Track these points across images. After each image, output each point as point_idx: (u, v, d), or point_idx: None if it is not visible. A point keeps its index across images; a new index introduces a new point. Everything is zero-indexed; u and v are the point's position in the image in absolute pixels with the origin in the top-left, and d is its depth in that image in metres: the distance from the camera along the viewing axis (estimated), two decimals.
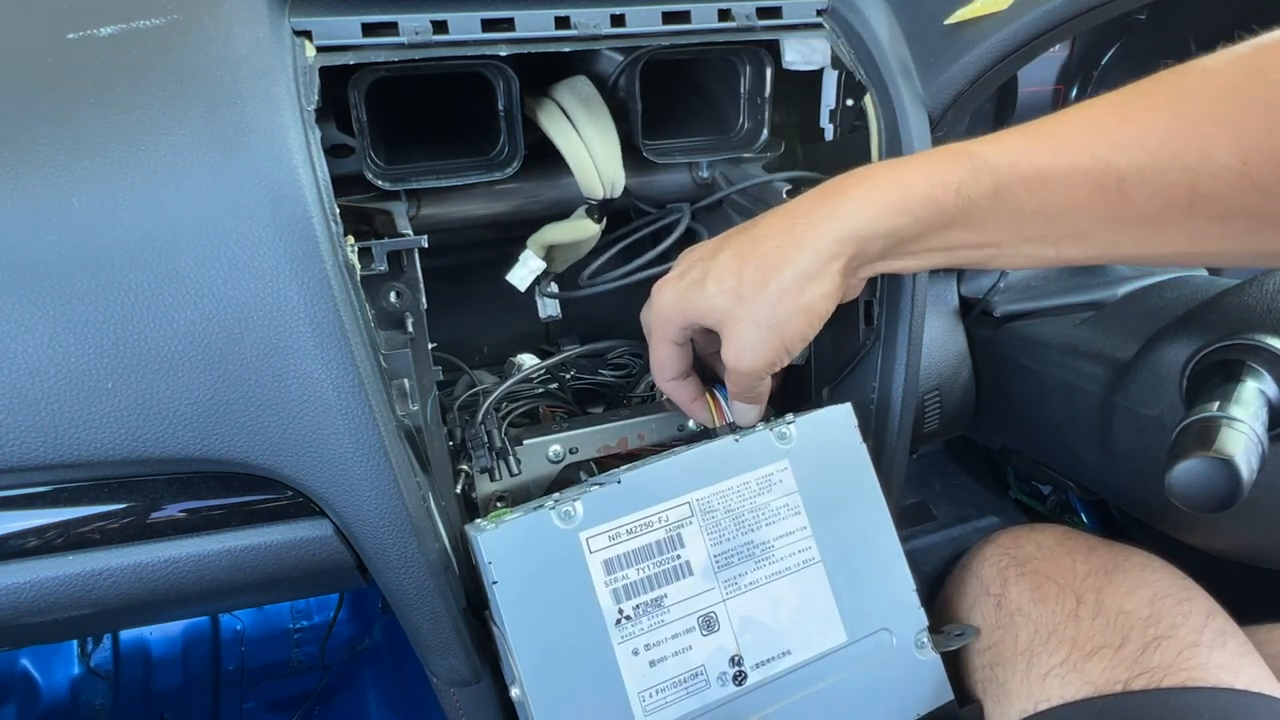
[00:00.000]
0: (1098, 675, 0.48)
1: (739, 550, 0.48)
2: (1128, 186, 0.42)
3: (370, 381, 0.45)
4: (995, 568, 0.58)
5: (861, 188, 0.48)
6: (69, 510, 0.46)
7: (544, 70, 0.63)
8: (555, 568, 0.45)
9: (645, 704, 0.44)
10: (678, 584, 0.46)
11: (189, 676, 1.11)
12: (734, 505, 0.48)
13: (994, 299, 0.68)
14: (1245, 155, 0.38)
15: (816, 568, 0.49)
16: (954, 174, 0.46)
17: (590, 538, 0.45)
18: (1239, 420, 0.43)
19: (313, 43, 0.51)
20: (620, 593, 0.45)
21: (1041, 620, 0.53)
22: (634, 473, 0.48)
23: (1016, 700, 0.51)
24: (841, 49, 0.62)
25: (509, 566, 0.44)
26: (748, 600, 0.47)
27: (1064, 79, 0.83)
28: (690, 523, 0.47)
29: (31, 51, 0.48)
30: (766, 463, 0.49)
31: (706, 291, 0.51)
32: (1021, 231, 0.46)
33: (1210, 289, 0.61)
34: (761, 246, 0.50)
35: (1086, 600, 0.52)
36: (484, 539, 0.44)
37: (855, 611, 0.49)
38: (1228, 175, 0.39)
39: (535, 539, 0.45)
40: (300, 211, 0.44)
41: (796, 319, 0.49)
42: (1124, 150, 0.42)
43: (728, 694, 0.46)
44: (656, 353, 0.56)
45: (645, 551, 0.46)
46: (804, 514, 0.49)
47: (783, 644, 0.47)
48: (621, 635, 0.45)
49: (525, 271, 0.69)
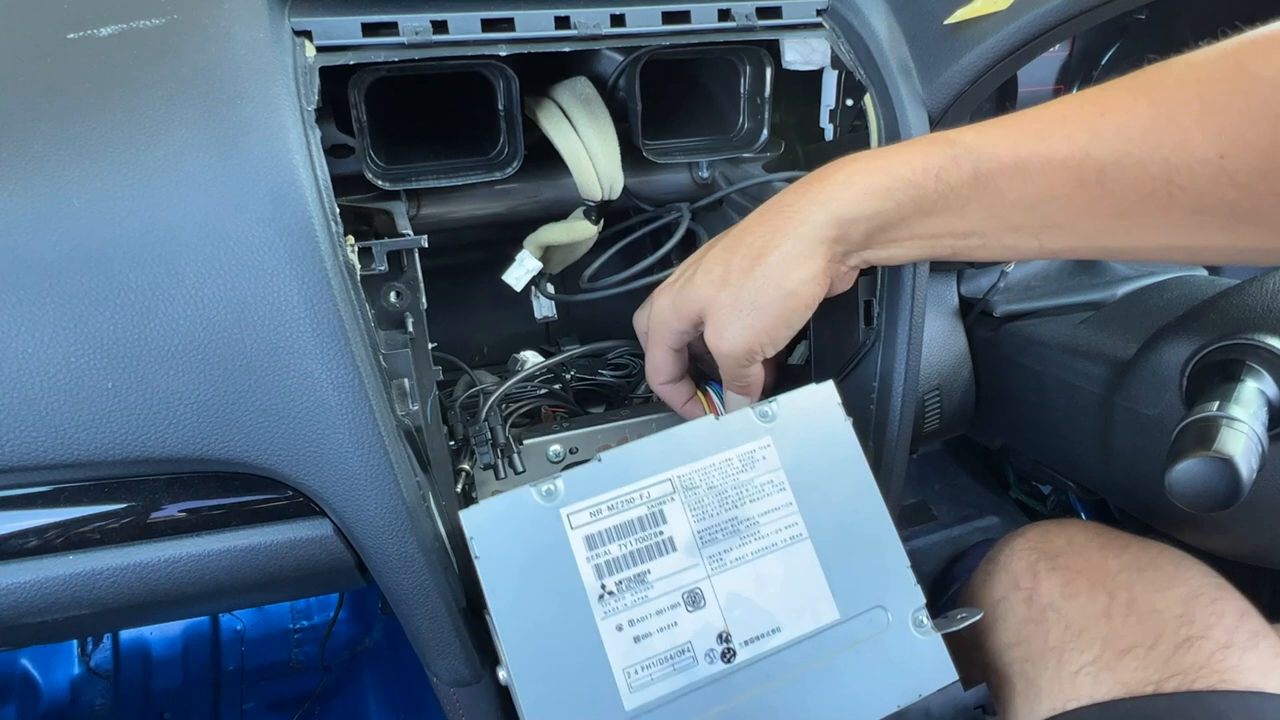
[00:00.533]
0: (1130, 675, 0.48)
1: (723, 526, 0.48)
2: (1106, 177, 0.42)
3: (370, 381, 0.45)
4: (1025, 562, 0.57)
5: (843, 173, 0.49)
6: (69, 510, 0.46)
7: (544, 70, 0.63)
8: (537, 544, 0.45)
9: (631, 680, 0.44)
10: (661, 559, 0.46)
11: (189, 676, 1.11)
12: (716, 482, 0.48)
13: (994, 299, 0.68)
14: (1223, 149, 0.39)
15: (804, 544, 0.48)
16: (935, 160, 0.46)
17: (571, 513, 0.46)
18: (1239, 420, 0.43)
19: (312, 43, 0.51)
20: (603, 568, 0.45)
21: (1073, 617, 0.52)
22: (614, 451, 0.48)
23: (1046, 698, 0.51)
24: (841, 49, 0.62)
25: (490, 541, 0.44)
26: (734, 576, 0.47)
27: (1064, 79, 0.83)
28: (672, 499, 0.47)
29: (32, 51, 0.48)
30: (748, 440, 0.49)
31: (695, 284, 0.51)
32: (1003, 220, 0.46)
33: (1210, 289, 0.61)
34: (748, 236, 0.50)
35: (1118, 597, 0.52)
36: (466, 515, 0.45)
37: (847, 588, 0.48)
38: (1205, 169, 0.39)
39: (516, 515, 0.45)
40: (300, 211, 0.44)
41: (780, 303, 0.49)
42: (1104, 140, 0.42)
43: (717, 671, 0.45)
44: (652, 357, 0.56)
45: (627, 527, 0.46)
46: (789, 490, 0.49)
47: (772, 621, 0.47)
48: (605, 611, 0.45)
49: (521, 272, 0.69)
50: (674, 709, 0.44)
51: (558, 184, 0.71)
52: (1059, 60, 0.82)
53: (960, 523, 1.14)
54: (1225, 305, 0.52)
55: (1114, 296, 0.67)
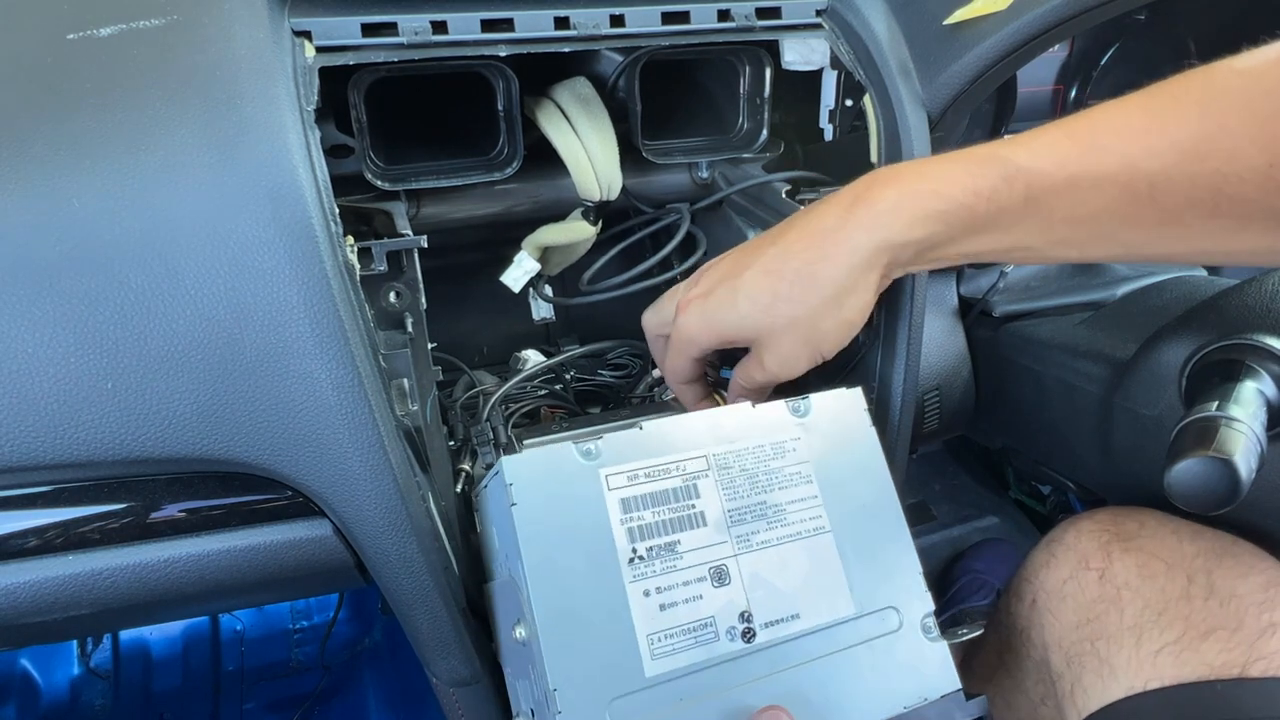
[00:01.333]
0: (1215, 657, 0.48)
1: (752, 508, 0.48)
2: (1156, 190, 0.42)
3: (370, 381, 0.45)
4: (1097, 542, 0.57)
5: (892, 197, 0.48)
6: (69, 510, 0.46)
7: (544, 70, 0.63)
8: (574, 499, 0.45)
9: (654, 647, 0.44)
10: (691, 532, 0.47)
11: (189, 677, 1.11)
12: (749, 465, 0.49)
13: (993, 299, 0.68)
14: (1272, 159, 0.39)
15: (826, 537, 0.49)
16: (987, 181, 0.46)
17: (610, 474, 0.46)
18: (1238, 420, 0.43)
19: (312, 43, 0.51)
20: (635, 532, 0.45)
21: (1151, 597, 0.52)
22: (655, 420, 0.49)
23: (1124, 676, 0.50)
24: (841, 49, 0.62)
25: (529, 491, 0.44)
26: (759, 558, 0.48)
27: (1063, 79, 0.83)
28: (706, 475, 0.48)
29: (32, 52, 0.48)
30: (780, 431, 0.50)
31: (739, 311, 0.51)
32: (1051, 235, 0.46)
33: (1209, 289, 0.61)
34: (793, 261, 0.49)
35: (1198, 580, 0.51)
36: (508, 461, 0.45)
37: (863, 586, 0.49)
38: (1254, 176, 0.39)
39: (557, 468, 0.45)
40: (300, 212, 0.44)
41: (836, 332, 0.50)
42: (1156, 154, 0.42)
43: (736, 649, 0.46)
44: (674, 363, 0.56)
45: (662, 496, 0.47)
46: (815, 484, 0.50)
47: (792, 606, 0.47)
48: (634, 574, 0.45)
49: (519, 273, 0.69)
50: (692, 682, 0.44)
51: (557, 184, 0.71)
52: (1059, 60, 0.82)
53: (960, 523, 1.14)
54: (1224, 305, 0.52)
55: (1113, 297, 0.67)
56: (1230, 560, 0.52)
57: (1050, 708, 0.60)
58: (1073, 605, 0.56)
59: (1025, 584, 0.61)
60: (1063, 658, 0.56)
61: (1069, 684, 0.55)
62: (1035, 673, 0.61)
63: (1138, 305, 0.64)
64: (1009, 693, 0.65)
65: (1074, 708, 0.54)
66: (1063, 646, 0.56)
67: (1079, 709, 0.53)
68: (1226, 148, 0.40)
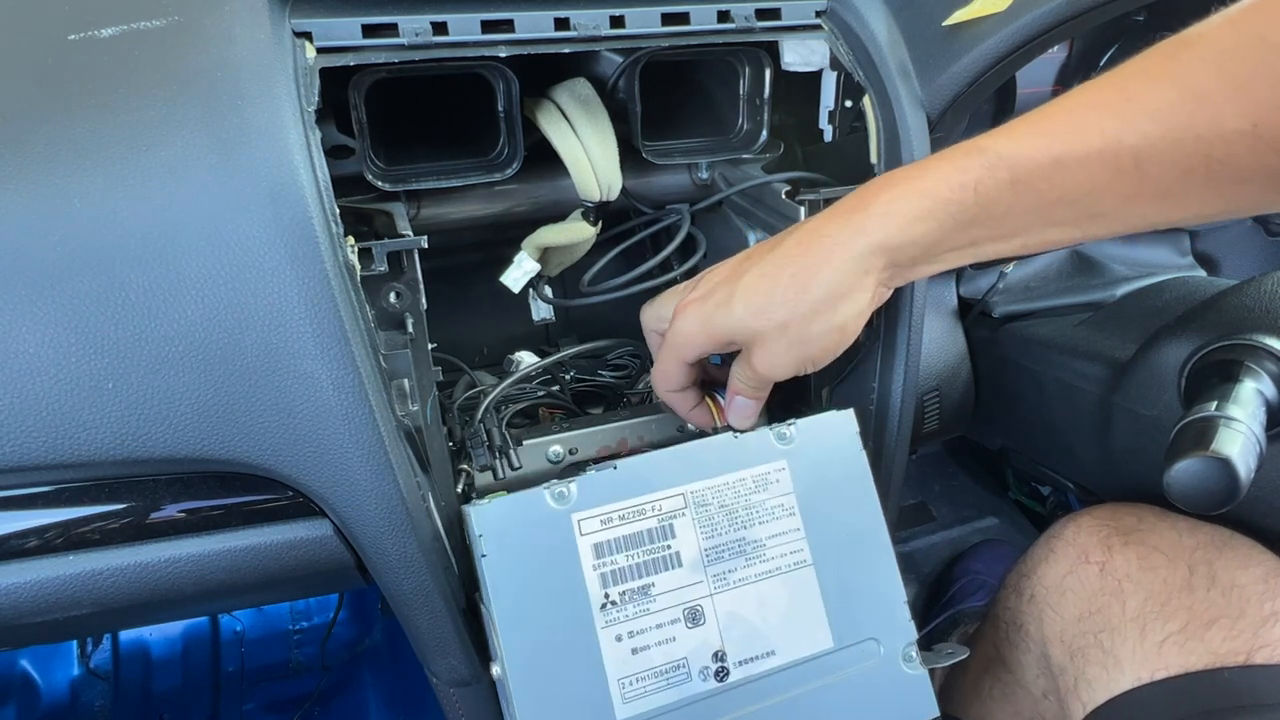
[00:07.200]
0: (1219, 645, 0.48)
1: (730, 546, 0.48)
2: (1144, 161, 0.42)
3: (370, 382, 0.45)
4: (1096, 536, 0.57)
5: (883, 200, 0.48)
6: (69, 510, 0.46)
7: (544, 71, 0.64)
8: (545, 546, 0.45)
9: (625, 691, 0.44)
10: (666, 574, 0.46)
11: (189, 677, 1.11)
12: (728, 500, 0.48)
13: (993, 300, 0.68)
14: (1255, 119, 0.39)
15: (807, 570, 0.49)
16: (970, 173, 0.46)
17: (582, 519, 0.46)
18: (1237, 420, 0.43)
19: (313, 44, 0.51)
20: (608, 577, 0.45)
21: (1153, 588, 0.52)
22: (630, 460, 0.48)
23: (1130, 667, 0.51)
24: (840, 50, 0.62)
25: (499, 541, 0.44)
26: (735, 597, 0.47)
27: (1063, 80, 0.83)
28: (683, 514, 0.48)
29: (33, 53, 0.48)
30: (764, 461, 0.50)
31: (735, 314, 0.51)
32: (1045, 218, 0.46)
33: (1208, 289, 0.61)
34: (789, 266, 0.49)
35: (1199, 571, 0.52)
36: (476, 512, 0.45)
37: (844, 618, 0.49)
38: (1240, 140, 0.40)
39: (527, 516, 0.45)
40: (300, 212, 0.44)
41: (828, 336, 0.49)
42: (1135, 126, 0.42)
43: (709, 689, 0.46)
44: (665, 367, 0.55)
45: (636, 539, 0.46)
46: (798, 515, 0.49)
47: (768, 644, 0.47)
48: (606, 620, 0.45)
49: (519, 273, 0.69)
50: None
51: (557, 185, 0.71)
52: (1058, 61, 0.82)
53: (960, 523, 1.14)
54: (1223, 306, 0.53)
55: (1113, 297, 0.67)
56: (1230, 552, 0.53)
57: (1052, 702, 0.60)
58: (1073, 599, 0.56)
59: (1023, 580, 0.61)
60: (1065, 651, 0.56)
61: (1072, 677, 0.55)
62: (1035, 667, 0.61)
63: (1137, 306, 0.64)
64: (1008, 688, 0.65)
65: (1078, 700, 0.54)
66: (1064, 640, 0.56)
67: (1084, 702, 0.53)
68: (1207, 114, 0.40)
